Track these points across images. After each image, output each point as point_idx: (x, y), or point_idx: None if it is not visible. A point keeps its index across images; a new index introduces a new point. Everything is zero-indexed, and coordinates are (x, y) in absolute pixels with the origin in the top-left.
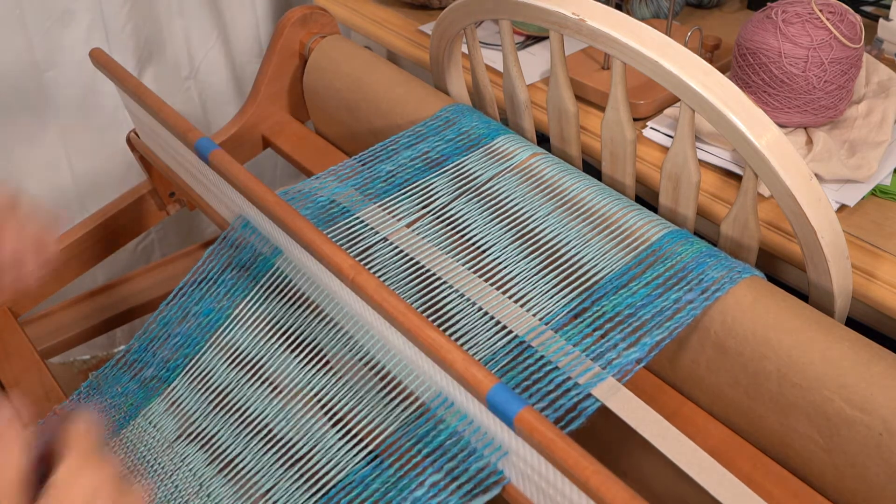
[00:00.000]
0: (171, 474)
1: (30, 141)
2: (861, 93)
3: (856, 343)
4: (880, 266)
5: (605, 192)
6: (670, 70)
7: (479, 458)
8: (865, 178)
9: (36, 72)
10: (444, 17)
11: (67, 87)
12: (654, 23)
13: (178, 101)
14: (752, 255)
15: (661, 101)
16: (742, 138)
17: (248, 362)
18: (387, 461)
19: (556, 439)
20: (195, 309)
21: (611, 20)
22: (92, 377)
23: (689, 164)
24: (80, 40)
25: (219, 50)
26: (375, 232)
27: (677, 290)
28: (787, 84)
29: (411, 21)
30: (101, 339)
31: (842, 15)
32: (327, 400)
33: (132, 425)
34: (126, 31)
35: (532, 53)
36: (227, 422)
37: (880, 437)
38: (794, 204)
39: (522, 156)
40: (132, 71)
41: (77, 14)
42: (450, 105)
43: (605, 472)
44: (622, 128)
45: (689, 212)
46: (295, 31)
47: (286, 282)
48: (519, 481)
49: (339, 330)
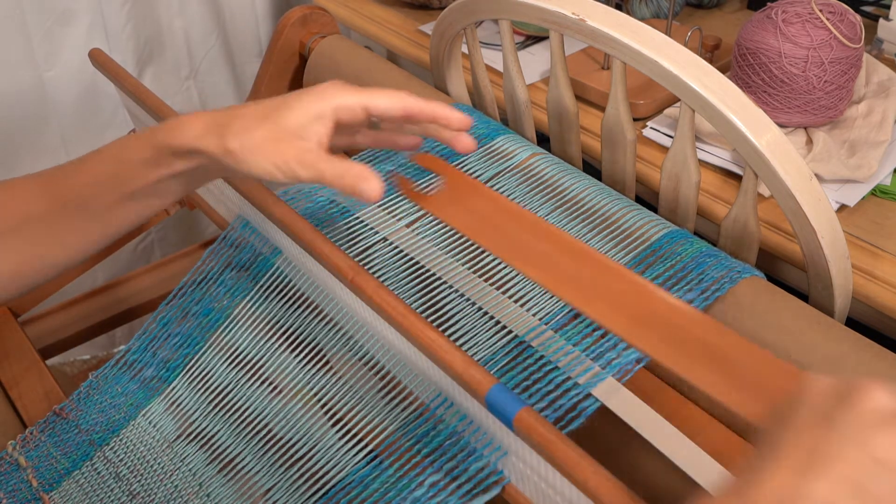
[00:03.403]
0: (171, 474)
1: (30, 141)
2: (861, 93)
3: (856, 343)
4: (880, 266)
5: (605, 192)
6: (670, 70)
7: (479, 458)
8: (865, 178)
9: (36, 72)
10: (444, 17)
11: (67, 88)
12: (654, 23)
13: (177, 101)
14: (751, 255)
15: (661, 100)
16: (742, 138)
17: (247, 362)
18: (386, 461)
19: (555, 440)
20: (195, 309)
21: (611, 20)
22: (92, 377)
23: (689, 164)
24: (80, 40)
25: (219, 50)
26: (375, 232)
27: (677, 290)
28: (787, 84)
29: (411, 21)
30: (101, 339)
31: (842, 15)
32: (327, 400)
33: (132, 425)
34: (126, 31)
35: (532, 53)
36: (227, 422)
37: None
38: (794, 204)
39: (522, 156)
40: (132, 71)
41: (77, 14)
42: (450, 105)
43: (605, 473)
44: (622, 128)
45: (689, 212)
46: (295, 30)
47: (286, 282)
48: (519, 481)
49: (339, 330)
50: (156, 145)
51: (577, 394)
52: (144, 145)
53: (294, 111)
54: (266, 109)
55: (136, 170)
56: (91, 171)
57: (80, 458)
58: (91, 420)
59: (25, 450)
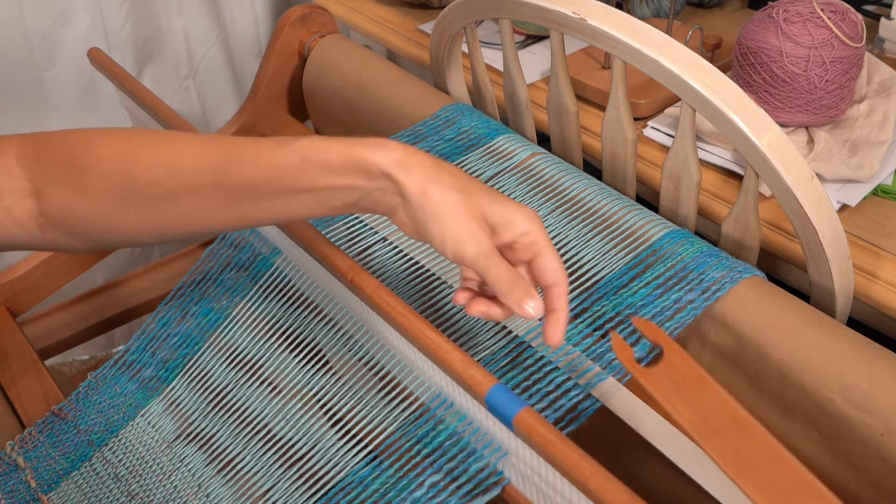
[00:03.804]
0: (170, 475)
1: None
2: (862, 92)
3: (857, 343)
4: (881, 266)
5: (605, 191)
6: (671, 69)
7: (479, 458)
8: (867, 178)
9: (36, 72)
10: (444, 17)
11: (67, 87)
12: (654, 22)
13: (177, 100)
14: (753, 254)
15: (661, 100)
16: (743, 138)
17: (247, 362)
18: (386, 462)
19: (555, 440)
20: (194, 309)
21: (611, 19)
22: (91, 377)
23: (689, 164)
24: (79, 40)
25: (218, 49)
26: (375, 232)
27: (678, 290)
28: (789, 83)
29: (411, 20)
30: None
31: (843, 14)
32: (327, 400)
33: (131, 425)
34: (125, 31)
35: (532, 53)
36: (226, 422)
37: (881, 437)
38: (796, 204)
39: (522, 155)
40: (131, 71)
41: (77, 14)
42: (450, 104)
43: (605, 473)
44: (623, 127)
45: (690, 211)
46: (294, 30)
47: (285, 282)
48: (519, 482)
49: (339, 330)
50: (350, 155)
51: (577, 394)
52: (337, 151)
53: (503, 204)
54: (480, 185)
55: (315, 171)
56: (270, 160)
57: (78, 458)
58: (90, 420)
59: (24, 450)
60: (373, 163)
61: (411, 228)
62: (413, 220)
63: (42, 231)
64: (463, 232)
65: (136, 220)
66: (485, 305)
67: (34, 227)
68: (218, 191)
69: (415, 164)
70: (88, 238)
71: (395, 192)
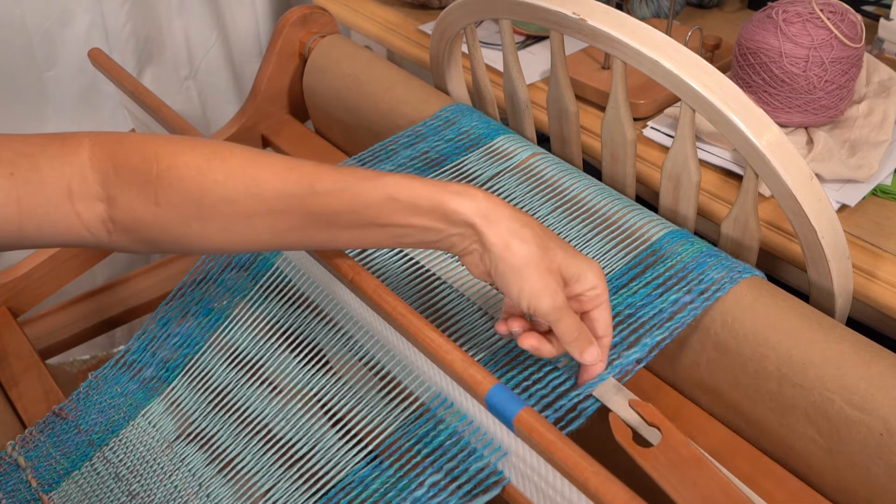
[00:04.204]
0: (171, 474)
1: None
2: (862, 92)
3: (856, 343)
4: (881, 266)
5: (605, 192)
6: (671, 70)
7: (479, 458)
8: (866, 178)
9: (36, 71)
10: (444, 17)
11: (67, 87)
12: (654, 22)
13: (177, 101)
14: (752, 255)
15: (661, 100)
16: (742, 138)
17: (247, 362)
18: (386, 461)
19: (555, 440)
20: (194, 309)
21: (611, 20)
22: (91, 377)
23: (689, 164)
24: (79, 40)
25: (218, 50)
26: None
27: (677, 291)
28: (788, 84)
29: (411, 21)
30: (100, 339)
31: (842, 14)
32: (327, 400)
33: (131, 425)
34: (126, 31)
35: (532, 53)
36: (227, 422)
37: (881, 437)
38: (795, 204)
39: (522, 155)
40: (132, 71)
41: (77, 14)
42: (450, 105)
43: (605, 473)
44: (622, 127)
45: (690, 212)
46: (295, 30)
47: (286, 282)
48: (519, 481)
49: (339, 330)
50: (436, 200)
51: (577, 394)
52: (424, 195)
53: (576, 259)
54: (556, 239)
55: (399, 210)
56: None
57: (79, 458)
58: (90, 420)
59: (25, 450)
60: (457, 211)
61: (482, 272)
62: (491, 269)
63: (110, 236)
64: (540, 286)
65: (207, 235)
66: (537, 341)
67: (102, 233)
68: (295, 216)
69: (498, 217)
70: (156, 246)
71: (474, 240)
